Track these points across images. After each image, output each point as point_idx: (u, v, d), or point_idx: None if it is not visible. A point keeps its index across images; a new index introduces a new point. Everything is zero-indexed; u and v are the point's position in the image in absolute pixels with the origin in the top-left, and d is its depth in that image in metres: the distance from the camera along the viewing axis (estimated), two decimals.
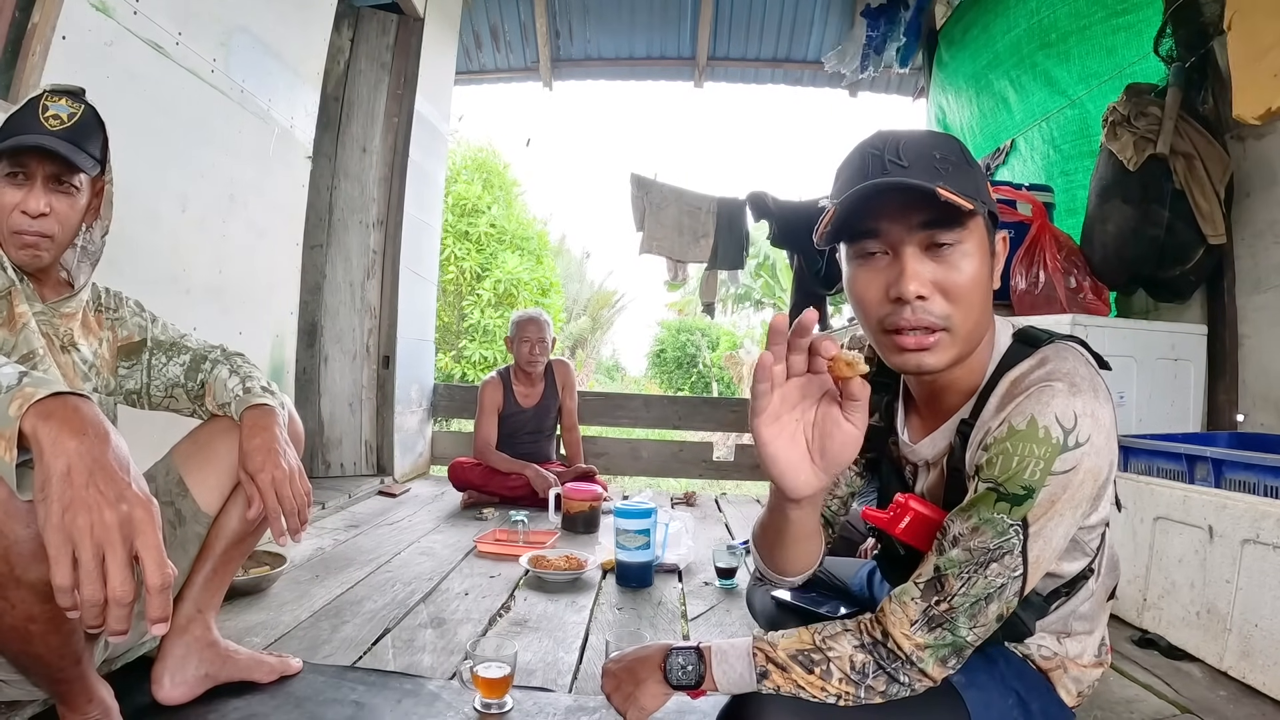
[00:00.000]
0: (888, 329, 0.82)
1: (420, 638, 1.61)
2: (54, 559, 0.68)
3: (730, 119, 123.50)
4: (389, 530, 2.66)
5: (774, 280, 11.79)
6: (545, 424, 3.54)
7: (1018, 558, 0.77)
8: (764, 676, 0.84)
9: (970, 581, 0.78)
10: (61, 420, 0.73)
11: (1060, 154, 3.16)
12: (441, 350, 7.44)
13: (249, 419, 1.18)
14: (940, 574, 0.80)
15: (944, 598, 0.79)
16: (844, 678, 0.81)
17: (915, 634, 0.80)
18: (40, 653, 0.89)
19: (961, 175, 0.79)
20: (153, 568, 0.71)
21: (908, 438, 0.97)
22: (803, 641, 0.84)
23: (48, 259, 1.13)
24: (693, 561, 2.29)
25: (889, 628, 0.81)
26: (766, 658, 0.84)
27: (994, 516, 0.78)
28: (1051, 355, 0.83)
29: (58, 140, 1.08)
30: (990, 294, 0.84)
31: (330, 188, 3.53)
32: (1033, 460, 0.76)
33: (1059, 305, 2.31)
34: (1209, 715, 1.34)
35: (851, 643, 0.82)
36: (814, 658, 0.83)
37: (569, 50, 5.25)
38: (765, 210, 4.21)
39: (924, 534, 0.87)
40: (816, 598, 1.47)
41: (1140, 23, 2.61)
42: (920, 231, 0.79)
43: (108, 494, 0.71)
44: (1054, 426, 0.76)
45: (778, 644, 0.85)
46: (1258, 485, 1.55)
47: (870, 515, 0.94)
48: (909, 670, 0.80)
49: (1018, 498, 0.77)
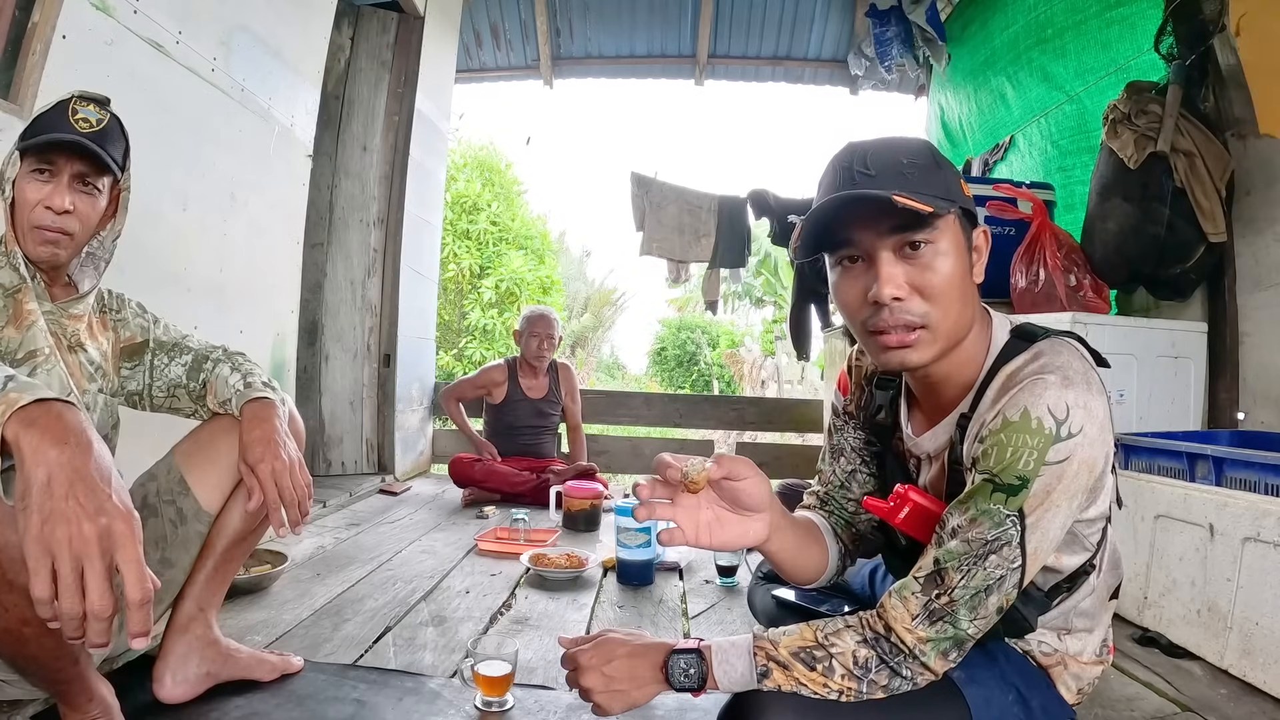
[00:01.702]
0: (871, 330, 0.86)
1: (421, 636, 1.61)
2: (33, 571, 0.67)
3: (731, 117, 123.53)
4: (390, 528, 2.66)
5: (775, 278, 11.79)
6: (547, 420, 3.56)
7: (1016, 549, 0.79)
8: (765, 675, 0.84)
9: (970, 574, 0.79)
10: (44, 428, 0.72)
11: (1058, 150, 3.16)
12: (442, 349, 7.44)
13: (249, 412, 1.18)
14: (940, 567, 0.81)
15: (944, 591, 0.80)
16: (846, 674, 0.82)
17: (917, 628, 0.81)
18: (36, 654, 0.89)
19: (929, 177, 0.82)
20: (133, 582, 0.70)
21: (911, 431, 0.99)
22: (804, 639, 0.84)
23: (65, 256, 1.14)
24: (694, 560, 2.29)
25: (890, 622, 0.82)
26: (768, 656, 0.84)
27: (991, 507, 0.79)
28: (1046, 350, 0.84)
29: (88, 141, 1.10)
30: (971, 288, 0.87)
31: (331, 186, 3.54)
32: (1026, 450, 0.78)
33: (1059, 303, 2.30)
34: (1209, 713, 1.34)
35: (854, 638, 0.83)
36: (816, 655, 0.83)
37: (569, 48, 5.24)
38: (766, 208, 4.21)
39: (923, 525, 0.88)
40: (817, 596, 1.47)
41: (1134, 16, 2.61)
42: (891, 236, 0.82)
43: (87, 506, 0.70)
44: (1046, 418, 0.78)
45: (779, 642, 0.85)
46: (1258, 483, 1.55)
47: (871, 505, 0.97)
48: (911, 664, 0.81)
49: (1013, 488, 0.78)
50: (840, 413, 1.14)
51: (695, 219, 4.38)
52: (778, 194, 4.21)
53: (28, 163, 1.10)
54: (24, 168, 1.10)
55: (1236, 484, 1.61)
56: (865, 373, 1.10)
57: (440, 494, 3.42)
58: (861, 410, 1.10)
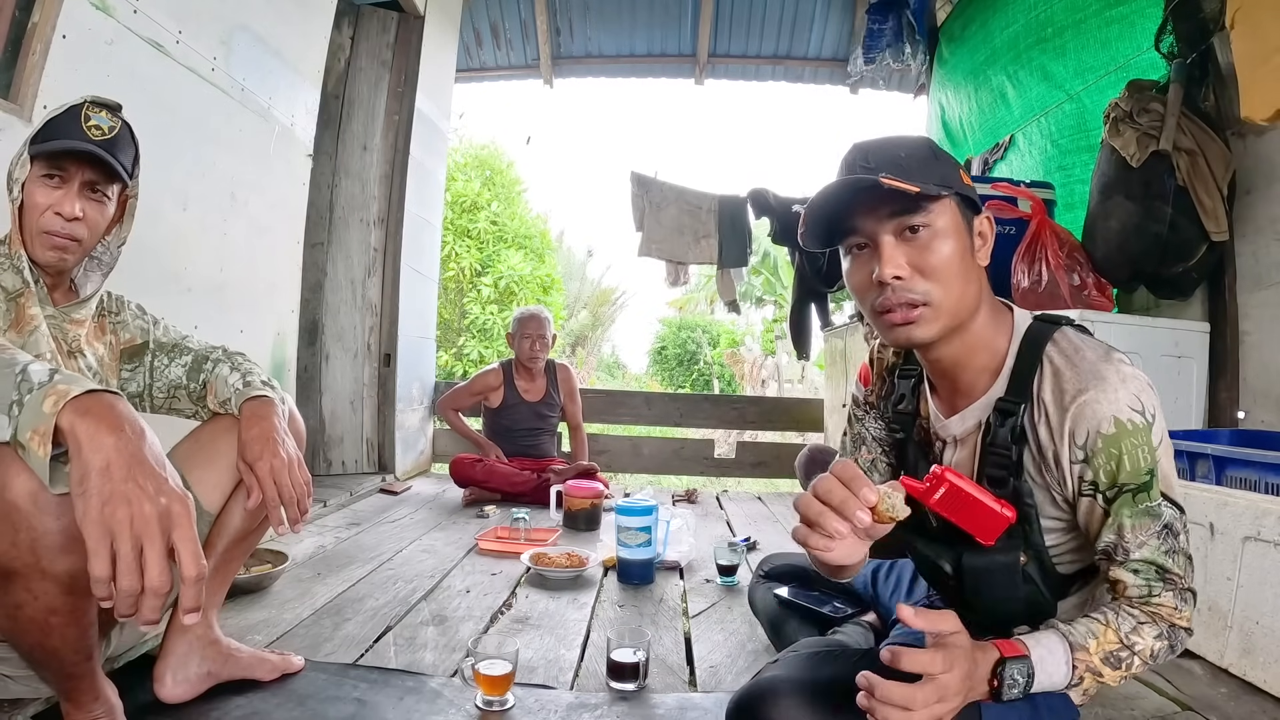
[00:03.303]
0: (878, 310, 0.91)
1: (422, 635, 1.61)
2: (93, 551, 0.70)
3: (731, 116, 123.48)
4: (390, 528, 2.66)
5: (774, 277, 11.77)
6: (546, 421, 3.56)
7: (1181, 515, 0.89)
8: (1079, 684, 0.86)
9: (1176, 559, 0.88)
10: (98, 416, 0.75)
11: (1058, 149, 3.16)
12: (442, 348, 7.44)
13: (248, 410, 1.18)
14: (1149, 572, 0.87)
15: (1176, 580, 0.88)
16: (1141, 664, 0.87)
17: (1184, 612, 0.88)
18: (56, 646, 0.90)
19: (924, 167, 0.88)
20: (189, 559, 0.74)
21: (939, 414, 1.03)
22: (1110, 642, 0.86)
23: (72, 261, 1.15)
24: (694, 559, 2.29)
25: (1165, 615, 0.88)
26: (1086, 667, 0.85)
27: (1140, 508, 0.87)
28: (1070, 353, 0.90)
29: (100, 149, 1.10)
30: (973, 269, 0.92)
31: (331, 185, 3.54)
32: (1139, 450, 0.85)
33: (1063, 302, 2.30)
34: (1210, 712, 1.34)
35: (1151, 633, 0.87)
36: (1121, 656, 0.86)
37: (570, 48, 5.24)
38: (766, 207, 4.21)
39: (958, 507, 0.88)
40: (819, 596, 1.48)
41: (1134, 14, 2.61)
42: (891, 221, 0.88)
43: (146, 488, 0.73)
44: (1135, 416, 0.85)
45: (1090, 648, 0.86)
46: (1259, 482, 1.56)
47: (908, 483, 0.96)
48: (1184, 635, 0.89)
49: (1146, 484, 0.86)
50: (861, 403, 1.18)
51: (695, 220, 4.37)
52: (778, 193, 4.21)
53: (38, 167, 1.10)
54: (34, 171, 1.10)
55: (1237, 483, 1.61)
56: (887, 365, 1.13)
57: (441, 493, 3.42)
58: (883, 400, 1.14)
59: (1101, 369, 0.86)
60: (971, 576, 0.96)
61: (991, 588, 0.96)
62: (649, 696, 1.35)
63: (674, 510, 2.65)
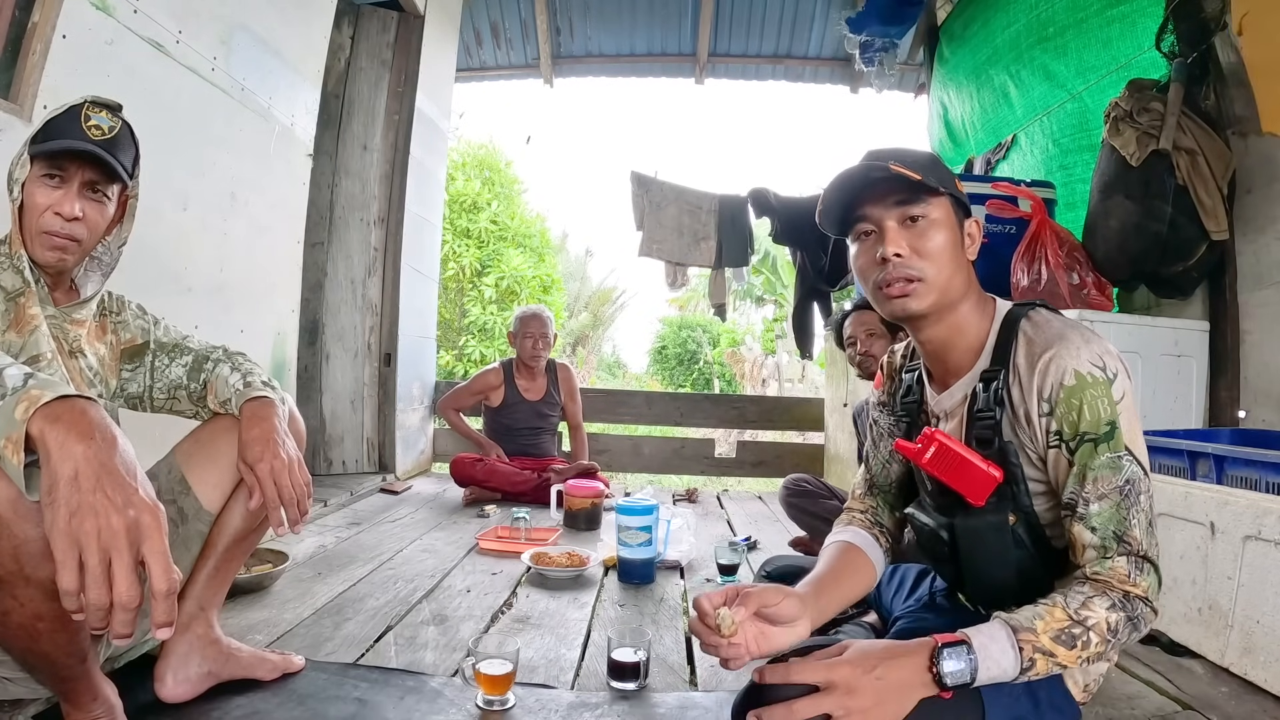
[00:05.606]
0: (879, 285, 1.03)
1: (422, 635, 1.61)
2: (60, 563, 0.68)
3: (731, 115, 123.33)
4: (391, 527, 2.66)
5: (775, 277, 11.76)
6: (546, 420, 3.56)
7: (1143, 477, 0.92)
8: (1029, 668, 0.86)
9: (1136, 520, 0.91)
10: (69, 424, 0.73)
11: (1059, 148, 3.16)
12: (443, 347, 7.44)
13: (248, 410, 1.18)
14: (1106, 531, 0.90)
15: (1133, 544, 0.90)
16: (1100, 641, 0.87)
17: (1138, 581, 0.89)
18: (47, 650, 0.89)
19: (927, 170, 1.01)
20: (158, 573, 0.71)
21: (933, 393, 1.13)
22: (1058, 620, 0.87)
23: (72, 262, 1.14)
24: (695, 558, 2.30)
25: (1117, 584, 0.89)
26: (1034, 648, 0.86)
27: (1102, 459, 0.92)
28: (1040, 323, 1.00)
29: (100, 149, 1.10)
30: (963, 260, 1.04)
31: (331, 185, 3.54)
32: (1099, 401, 0.92)
33: (1063, 301, 2.30)
34: (1210, 711, 1.34)
35: (1102, 605, 0.88)
36: (1075, 633, 0.86)
37: (570, 47, 5.24)
38: (767, 207, 4.20)
39: (947, 465, 1.00)
40: None
41: (1135, 14, 2.61)
42: (895, 209, 1.01)
43: (115, 499, 0.71)
44: (1095, 370, 0.93)
45: (1036, 629, 0.86)
46: (1259, 481, 1.55)
47: (902, 445, 1.08)
48: (1145, 611, 0.90)
49: (1108, 434, 0.92)
50: (878, 404, 1.29)
51: (695, 221, 4.36)
52: (778, 192, 4.20)
53: (38, 167, 1.10)
54: (34, 171, 1.10)
55: (1237, 482, 1.60)
56: (894, 366, 1.26)
57: (441, 493, 3.43)
58: (893, 396, 1.24)
59: (1066, 332, 0.96)
60: (965, 538, 1.02)
61: (985, 549, 1.01)
62: (650, 696, 1.35)
63: (674, 510, 2.65)
